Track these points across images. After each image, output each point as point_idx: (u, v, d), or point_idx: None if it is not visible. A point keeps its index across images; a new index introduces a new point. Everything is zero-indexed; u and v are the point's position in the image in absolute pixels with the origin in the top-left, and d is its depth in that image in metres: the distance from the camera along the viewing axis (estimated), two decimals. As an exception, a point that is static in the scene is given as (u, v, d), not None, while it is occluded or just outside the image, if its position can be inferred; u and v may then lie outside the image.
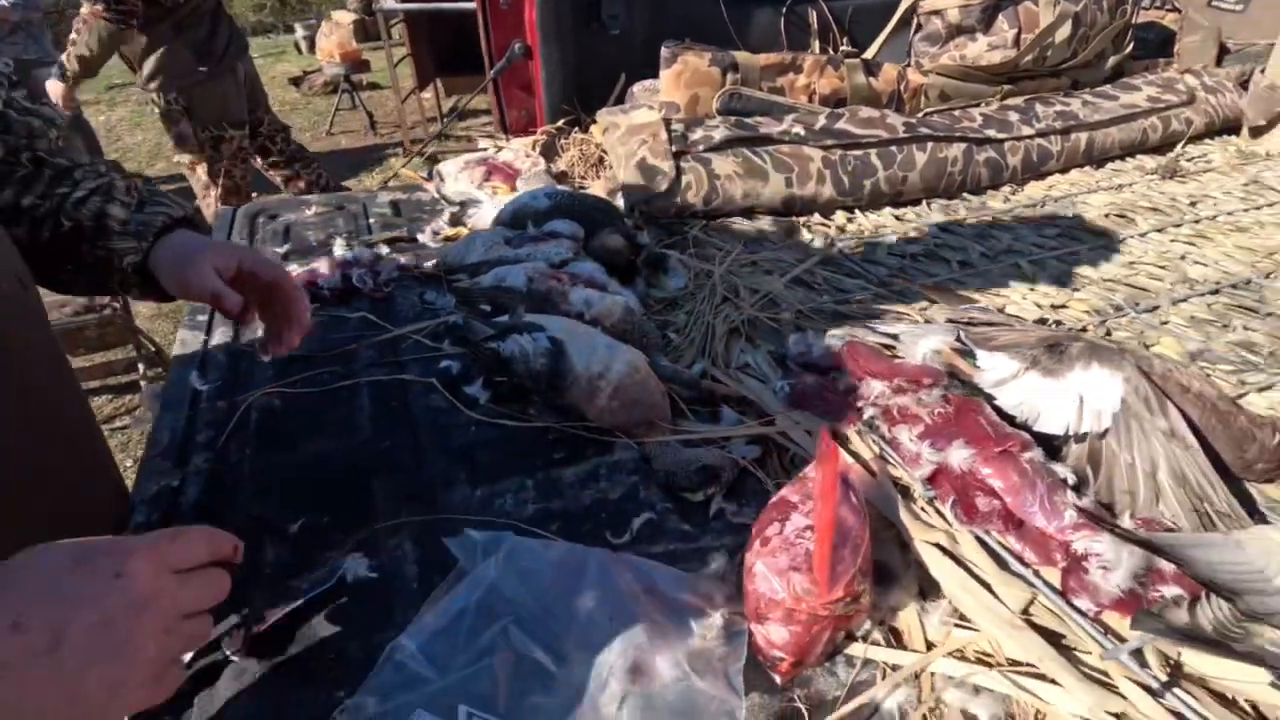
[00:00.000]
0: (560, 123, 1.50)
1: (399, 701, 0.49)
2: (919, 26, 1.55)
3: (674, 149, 1.11)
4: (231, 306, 0.64)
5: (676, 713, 0.48)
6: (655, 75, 1.40)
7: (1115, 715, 0.44)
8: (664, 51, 1.25)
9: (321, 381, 0.83)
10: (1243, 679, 0.45)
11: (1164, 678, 0.46)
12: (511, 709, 0.48)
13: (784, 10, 1.67)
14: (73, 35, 2.05)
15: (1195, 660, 0.47)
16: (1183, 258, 1.05)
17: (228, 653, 0.52)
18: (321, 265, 1.05)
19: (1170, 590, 0.49)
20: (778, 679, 0.52)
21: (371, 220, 1.29)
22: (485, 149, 1.46)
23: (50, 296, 0.78)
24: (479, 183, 1.31)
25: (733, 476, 0.69)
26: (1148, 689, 0.45)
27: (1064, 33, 1.45)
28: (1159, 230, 1.14)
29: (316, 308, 1.01)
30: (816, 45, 1.70)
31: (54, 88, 2.16)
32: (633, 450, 0.73)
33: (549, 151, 1.38)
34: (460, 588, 0.56)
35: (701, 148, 1.13)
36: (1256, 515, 0.58)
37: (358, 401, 0.82)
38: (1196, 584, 0.47)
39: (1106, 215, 1.20)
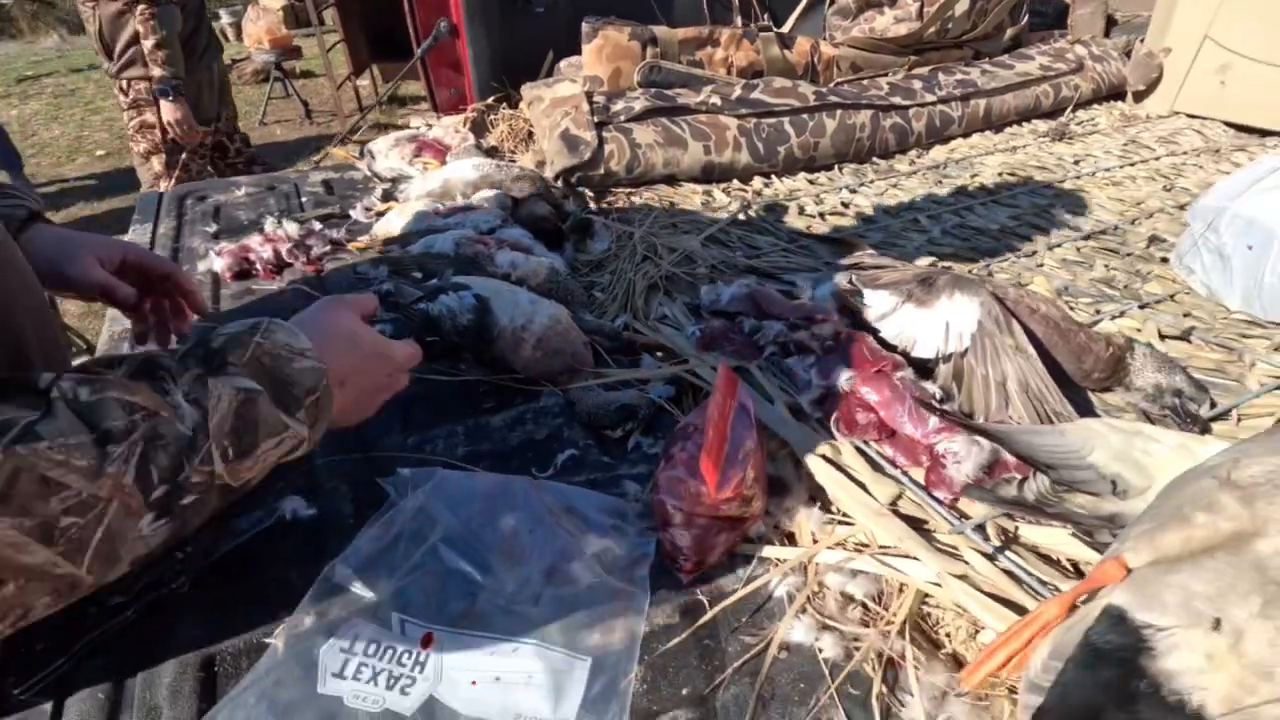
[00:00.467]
0: (490, 100, 1.53)
1: (336, 616, 0.54)
2: (832, 1, 1.63)
3: (596, 120, 1.16)
4: (125, 298, 0.63)
5: (587, 607, 0.54)
6: (578, 53, 1.45)
7: (960, 576, 0.52)
8: (585, 27, 1.30)
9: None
10: (1061, 543, 0.53)
11: (999, 544, 0.54)
12: (440, 615, 0.54)
13: (705, -13, 1.73)
14: (146, 50, 1.98)
15: (1026, 531, 0.56)
16: (1060, 209, 1.16)
17: (174, 586, 0.56)
18: (253, 241, 1.07)
19: (1009, 476, 0.57)
20: (683, 578, 0.58)
21: (304, 199, 1.31)
22: (417, 127, 1.48)
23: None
24: (410, 159, 1.33)
25: (649, 414, 0.75)
26: (987, 556, 0.53)
27: (963, 6, 1.54)
28: (1046, 186, 1.25)
29: (250, 283, 1.04)
30: (739, 20, 1.76)
31: (169, 110, 2.05)
32: (557, 397, 0.79)
33: (479, 128, 1.42)
34: (392, 515, 0.60)
35: (623, 118, 1.18)
36: (1089, 415, 0.67)
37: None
38: (1027, 467, 0.55)
39: (1000, 174, 1.30)
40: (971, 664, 0.45)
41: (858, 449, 0.64)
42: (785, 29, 1.61)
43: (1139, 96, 1.69)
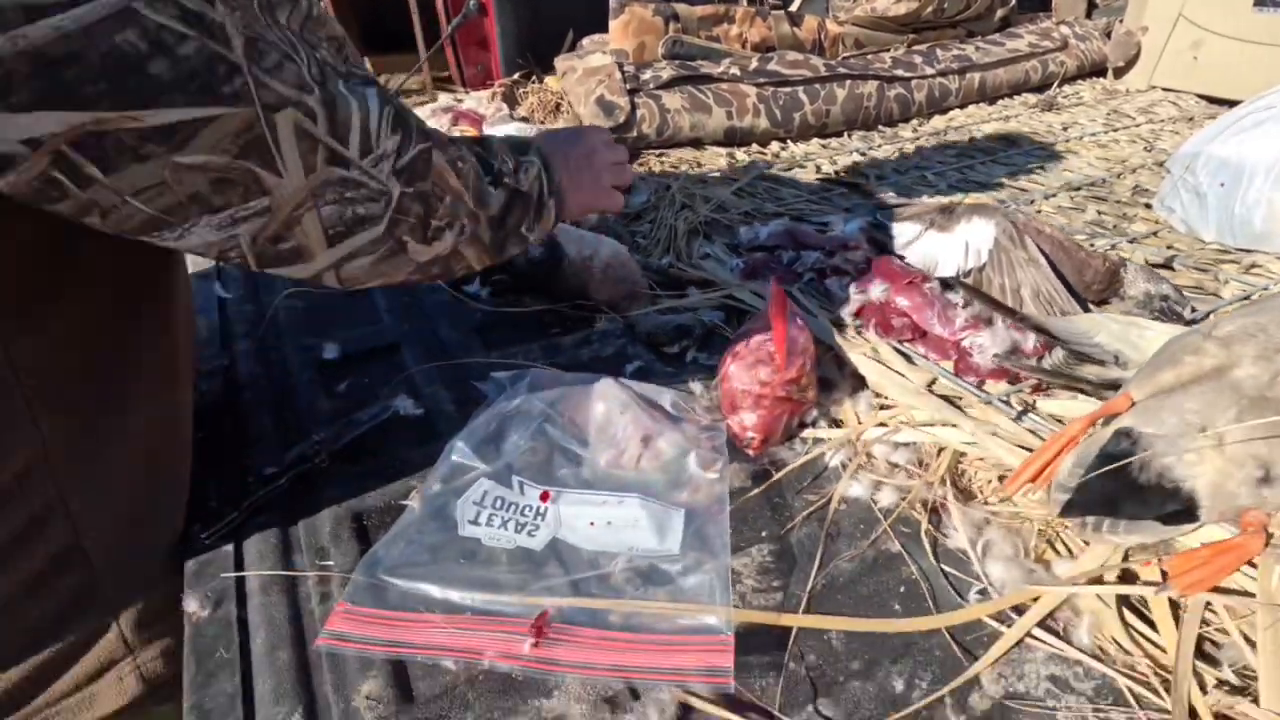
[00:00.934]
0: (515, 76, 1.62)
1: (461, 481, 0.62)
2: (834, -17, 1.73)
3: (628, 87, 1.25)
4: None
5: (677, 471, 0.63)
6: (600, 30, 1.54)
7: (991, 434, 0.62)
8: (612, 3, 1.39)
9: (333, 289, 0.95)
10: (1073, 411, 0.64)
11: (1021, 411, 0.64)
12: (551, 480, 0.63)
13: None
14: None
15: (1043, 404, 0.66)
16: (1053, 166, 1.27)
17: (316, 460, 0.64)
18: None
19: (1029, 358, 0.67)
20: (750, 454, 0.68)
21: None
22: (451, 100, 1.57)
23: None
24: (447, 129, 1.42)
25: (702, 333, 0.85)
26: (1013, 420, 0.64)
27: (958, -13, 1.66)
28: (1039, 148, 1.36)
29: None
30: (746, 0, 1.86)
31: None
32: (618, 322, 0.88)
33: (510, 99, 1.50)
34: (496, 407, 0.69)
35: (652, 85, 1.27)
36: (1093, 320, 0.78)
37: (371, 301, 0.94)
38: (1045, 348, 0.66)
39: (995, 139, 1.42)
40: (1010, 476, 0.55)
41: (893, 347, 0.74)
42: (793, 7, 1.71)
43: (1119, 73, 1.82)
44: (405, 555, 0.56)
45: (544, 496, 0.61)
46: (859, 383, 0.74)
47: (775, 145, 1.36)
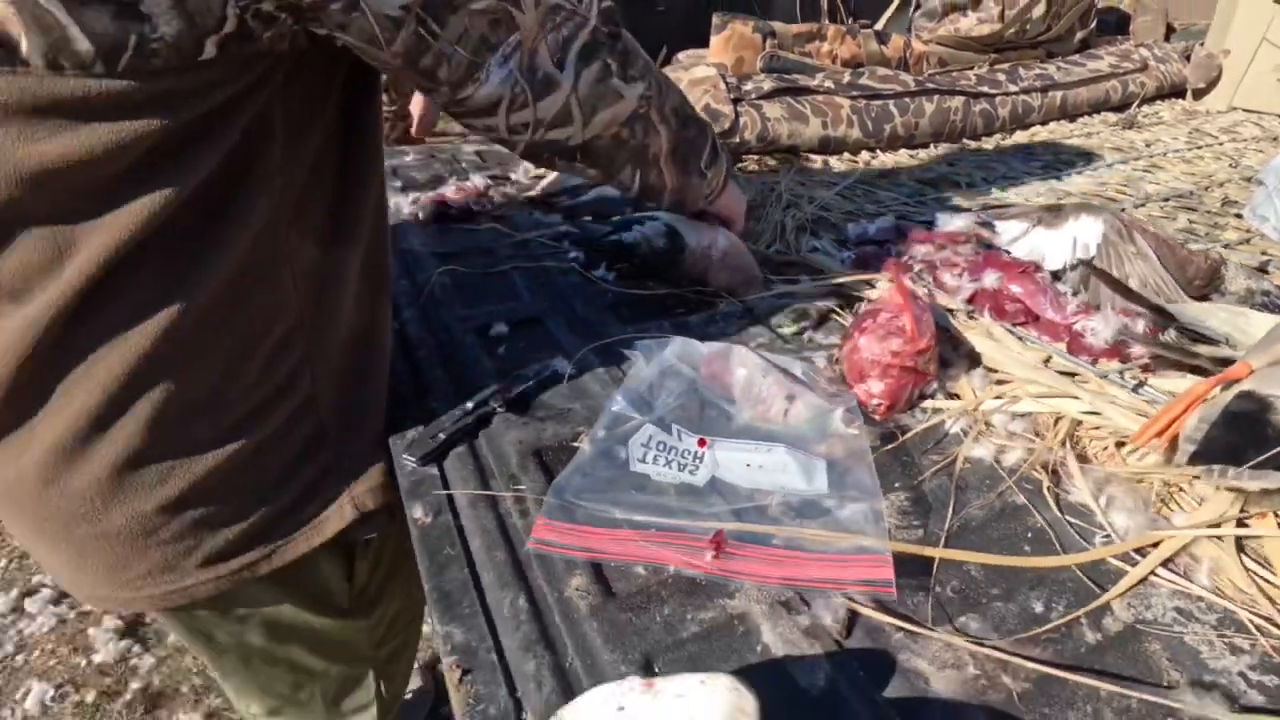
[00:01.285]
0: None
1: (623, 429, 0.71)
2: (918, 4, 1.81)
3: (731, 96, 1.34)
4: None
5: (820, 420, 0.71)
6: (693, 45, 1.64)
7: (1109, 404, 0.68)
8: (715, 20, 1.49)
9: (478, 269, 1.05)
10: (1184, 387, 0.70)
11: (1134, 383, 0.70)
12: (706, 429, 0.71)
13: (799, -8, 1.93)
14: None
15: (1155, 382, 0.72)
16: (1140, 179, 1.32)
17: (494, 406, 0.74)
18: (448, 190, 1.26)
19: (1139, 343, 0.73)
20: (876, 419, 0.75)
21: (464, 165, 1.50)
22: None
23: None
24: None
25: (817, 316, 0.93)
26: (1129, 391, 0.70)
27: (1040, 10, 1.72)
28: (1123, 162, 1.41)
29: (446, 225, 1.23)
30: (826, 20, 1.95)
31: (420, 105, 2.24)
32: (736, 306, 0.96)
33: (611, 108, 1.61)
34: (647, 368, 0.78)
35: (753, 95, 1.37)
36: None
37: (510, 282, 1.03)
38: (1157, 329, 0.72)
39: (1081, 154, 1.47)
40: (1137, 431, 0.61)
41: (1007, 329, 0.81)
42: (878, 26, 1.79)
43: (1198, 94, 1.85)
44: (584, 485, 0.64)
45: (700, 443, 0.69)
46: (972, 362, 0.80)
47: (865, 154, 1.44)
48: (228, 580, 0.61)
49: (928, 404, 0.77)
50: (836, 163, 1.38)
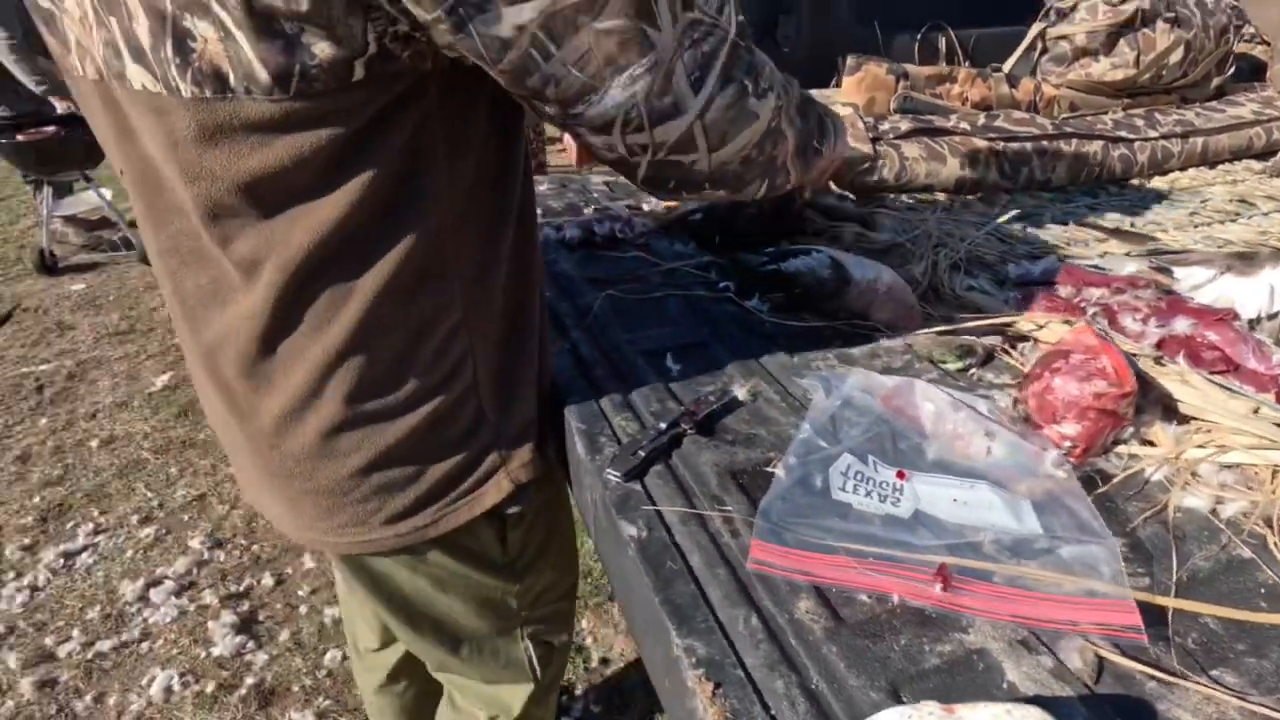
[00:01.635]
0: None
1: (816, 456, 0.71)
2: (1045, 49, 1.80)
3: (870, 135, 1.36)
4: None
5: (1023, 459, 0.70)
6: (817, 86, 1.67)
7: (1337, 461, 0.65)
8: (850, 61, 1.51)
9: (635, 293, 1.08)
10: None
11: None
12: (900, 463, 0.71)
13: (919, 36, 1.94)
14: None
15: (1386, 439, 0.68)
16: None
17: (685, 427, 0.75)
18: (592, 216, 1.30)
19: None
20: (1070, 462, 0.73)
21: (594, 194, 1.56)
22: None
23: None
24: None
25: (984, 354, 0.92)
26: (1357, 450, 0.67)
27: (1177, 55, 1.68)
28: (1277, 211, 1.36)
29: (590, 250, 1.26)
30: (943, 63, 1.96)
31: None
32: (898, 340, 0.96)
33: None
34: (828, 399, 0.78)
35: (891, 135, 1.38)
36: None
37: (665, 309, 1.06)
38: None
39: (1230, 201, 1.42)
40: None
41: (1205, 378, 0.78)
42: (1005, 69, 1.79)
43: (1346, 144, 1.77)
44: (787, 510, 0.64)
45: (900, 475, 0.69)
46: (1166, 409, 0.78)
47: (1003, 196, 1.42)
48: (406, 538, 0.71)
49: (1122, 449, 0.75)
50: (975, 202, 1.37)
